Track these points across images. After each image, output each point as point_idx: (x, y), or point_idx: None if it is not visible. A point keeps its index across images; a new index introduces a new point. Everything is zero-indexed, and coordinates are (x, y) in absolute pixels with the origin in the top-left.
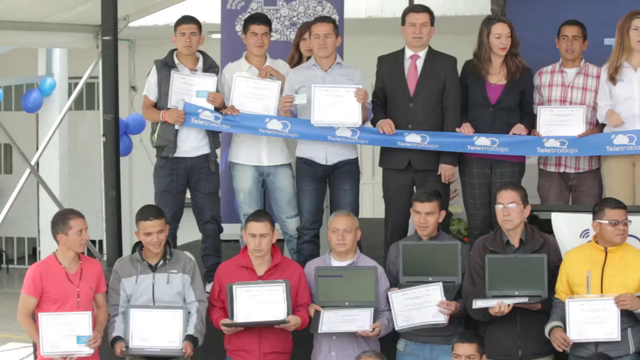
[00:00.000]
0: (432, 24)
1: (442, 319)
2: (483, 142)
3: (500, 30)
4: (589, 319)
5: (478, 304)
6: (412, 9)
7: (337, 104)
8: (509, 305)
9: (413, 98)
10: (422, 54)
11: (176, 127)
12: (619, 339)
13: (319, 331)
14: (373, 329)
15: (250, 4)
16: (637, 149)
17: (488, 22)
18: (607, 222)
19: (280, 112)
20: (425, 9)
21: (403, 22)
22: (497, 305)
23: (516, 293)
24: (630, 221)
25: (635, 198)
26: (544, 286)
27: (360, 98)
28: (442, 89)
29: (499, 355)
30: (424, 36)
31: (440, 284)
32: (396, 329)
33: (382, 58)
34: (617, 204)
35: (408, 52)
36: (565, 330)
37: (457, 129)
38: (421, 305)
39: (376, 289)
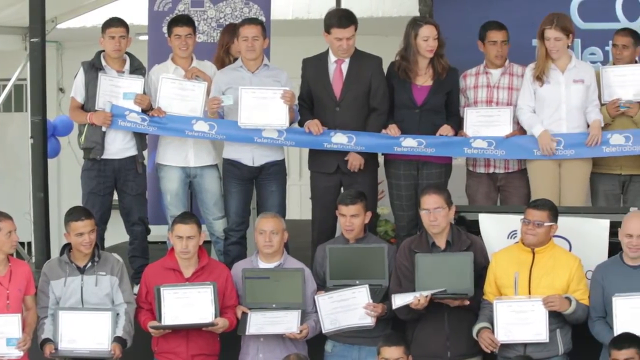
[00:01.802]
0: (355, 30)
1: (369, 321)
2: (410, 144)
3: (427, 32)
4: (517, 320)
5: (397, 302)
6: (338, 23)
7: (264, 106)
8: (427, 296)
9: (339, 102)
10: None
11: (103, 129)
12: (547, 340)
13: (247, 333)
14: (300, 331)
15: (177, 6)
16: (564, 153)
17: (415, 24)
18: (522, 220)
19: (207, 114)
20: (350, 22)
21: (328, 31)
22: (414, 299)
23: (443, 289)
24: (553, 224)
25: (561, 199)
26: (469, 284)
27: (287, 100)
28: (368, 91)
29: (428, 357)
30: (351, 47)
31: (367, 286)
32: (323, 331)
33: (307, 61)
34: (536, 204)
35: (332, 56)
36: (493, 332)
37: (383, 130)
38: (348, 307)
39: (303, 290)
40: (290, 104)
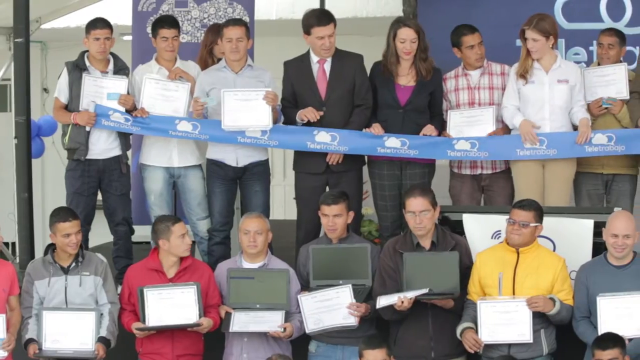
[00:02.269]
0: (334, 27)
1: (352, 321)
2: (393, 144)
3: (404, 35)
4: (501, 320)
5: (382, 302)
6: (318, 22)
7: (246, 108)
8: (410, 298)
9: (325, 102)
10: (329, 57)
11: (87, 128)
12: (531, 341)
13: (230, 330)
14: (284, 330)
15: (161, 6)
16: (546, 153)
17: (395, 24)
18: (507, 220)
19: (191, 115)
20: (330, 19)
21: (308, 32)
22: (398, 299)
23: (430, 290)
24: (538, 225)
25: (545, 199)
26: (455, 283)
27: (270, 100)
28: (352, 89)
29: (411, 357)
30: (333, 45)
31: (350, 286)
32: (307, 332)
33: (288, 63)
34: (521, 205)
35: (314, 57)
36: (477, 332)
37: (366, 129)
38: (331, 307)
39: (288, 291)
40: (272, 104)
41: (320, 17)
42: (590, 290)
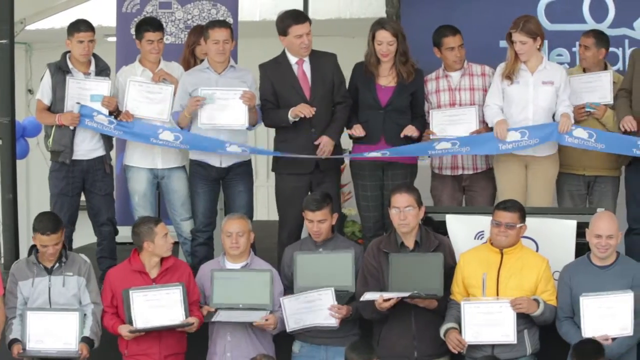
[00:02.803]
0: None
1: (333, 322)
2: (374, 155)
3: (381, 37)
4: (485, 321)
5: (367, 296)
6: (295, 20)
7: (224, 107)
8: (389, 299)
9: (310, 102)
10: (306, 57)
11: (71, 128)
12: (515, 341)
13: (214, 319)
14: (267, 320)
15: (146, 7)
16: (528, 143)
17: (374, 26)
18: (492, 222)
19: (177, 116)
20: (306, 18)
21: (285, 33)
22: (379, 297)
23: (416, 292)
24: (522, 225)
25: (528, 200)
26: (439, 285)
27: (247, 100)
28: (332, 88)
29: (394, 357)
30: (311, 44)
31: (333, 289)
32: (287, 330)
33: (265, 66)
34: (505, 206)
35: (292, 58)
36: (460, 332)
37: (348, 131)
38: (313, 308)
39: (271, 292)
40: (250, 104)
41: (297, 16)
42: (573, 290)
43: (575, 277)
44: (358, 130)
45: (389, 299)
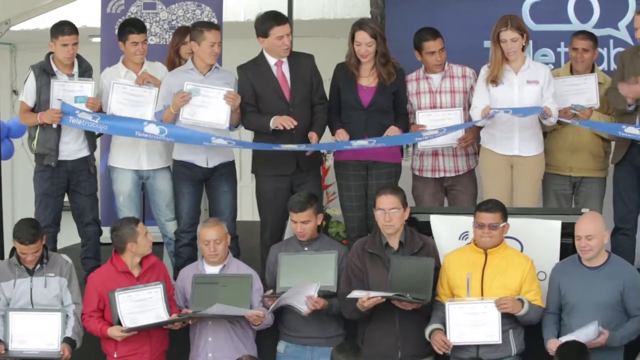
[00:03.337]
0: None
1: (304, 308)
2: (360, 143)
3: (360, 38)
4: (469, 321)
5: (354, 294)
6: (277, 21)
7: (207, 104)
8: (372, 298)
9: (291, 104)
10: (285, 58)
11: (54, 126)
12: (500, 342)
13: (207, 312)
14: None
15: (130, 8)
16: (513, 119)
17: (353, 27)
18: (474, 223)
19: (161, 115)
20: (286, 19)
21: (265, 34)
22: (365, 295)
23: (400, 294)
24: (505, 224)
25: (514, 200)
26: (428, 290)
27: (230, 100)
28: (310, 89)
29: (378, 357)
30: (291, 44)
31: (318, 283)
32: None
33: (244, 67)
34: (487, 207)
35: (271, 59)
36: (445, 333)
37: (333, 137)
38: (294, 292)
39: (250, 295)
40: (232, 104)
41: (278, 17)
42: (562, 290)
43: (563, 276)
44: (342, 135)
45: (371, 298)
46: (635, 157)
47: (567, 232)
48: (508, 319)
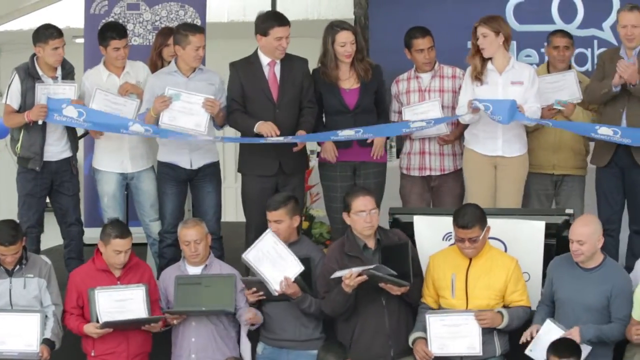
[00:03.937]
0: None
1: (276, 287)
2: (347, 133)
3: (344, 38)
4: (450, 333)
5: (336, 274)
6: (279, 22)
7: (187, 110)
8: (358, 274)
9: (278, 105)
10: (279, 59)
11: (39, 122)
12: (481, 354)
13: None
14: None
15: (114, 9)
16: (493, 118)
17: (332, 29)
18: (455, 236)
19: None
20: (288, 22)
21: (265, 33)
22: (348, 272)
23: (389, 272)
24: (485, 230)
25: (497, 201)
26: (409, 272)
27: (208, 108)
28: (300, 92)
29: (371, 358)
30: (287, 47)
31: (301, 268)
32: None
33: (237, 64)
34: (464, 223)
35: (265, 59)
36: (427, 343)
37: (321, 155)
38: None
39: (234, 295)
40: (211, 112)
41: (280, 18)
42: (554, 284)
43: (557, 272)
44: (330, 156)
45: (356, 278)
46: (622, 158)
47: (551, 232)
48: None
